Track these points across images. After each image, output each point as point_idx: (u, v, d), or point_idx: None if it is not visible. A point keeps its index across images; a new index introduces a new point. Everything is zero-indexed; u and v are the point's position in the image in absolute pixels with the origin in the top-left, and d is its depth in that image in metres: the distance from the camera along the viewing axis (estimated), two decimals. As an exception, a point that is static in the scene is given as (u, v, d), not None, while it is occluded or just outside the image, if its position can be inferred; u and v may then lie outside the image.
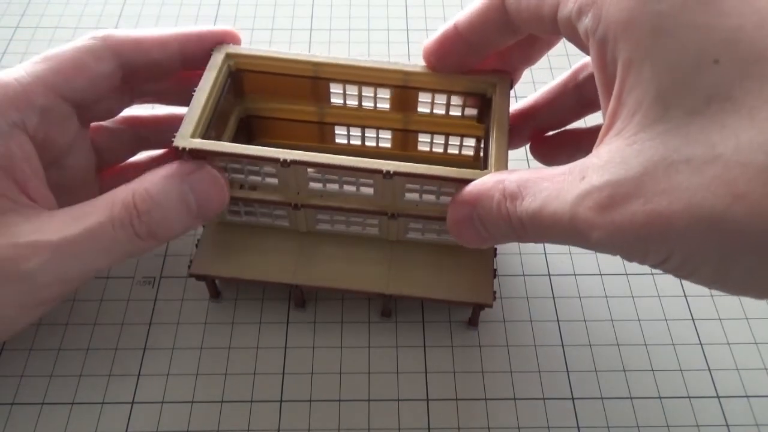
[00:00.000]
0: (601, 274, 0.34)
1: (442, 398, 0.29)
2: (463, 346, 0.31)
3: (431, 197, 0.28)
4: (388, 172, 0.26)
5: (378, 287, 0.29)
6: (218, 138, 0.30)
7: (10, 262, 0.24)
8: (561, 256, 0.34)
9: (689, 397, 0.29)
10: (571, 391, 0.30)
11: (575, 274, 0.34)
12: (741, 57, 0.19)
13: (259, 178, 0.28)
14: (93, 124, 0.31)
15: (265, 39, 0.45)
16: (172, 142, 0.27)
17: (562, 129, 0.32)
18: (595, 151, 0.22)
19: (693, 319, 0.32)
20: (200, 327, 0.31)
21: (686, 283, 0.33)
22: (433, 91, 0.31)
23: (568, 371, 0.30)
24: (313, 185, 0.28)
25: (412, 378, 0.30)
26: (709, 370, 0.30)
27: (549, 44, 0.30)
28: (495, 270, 0.30)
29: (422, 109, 0.32)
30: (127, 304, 0.32)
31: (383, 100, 0.32)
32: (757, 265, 0.18)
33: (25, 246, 0.24)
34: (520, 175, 0.24)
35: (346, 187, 0.29)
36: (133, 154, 0.34)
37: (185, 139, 0.27)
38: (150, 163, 0.34)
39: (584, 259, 0.34)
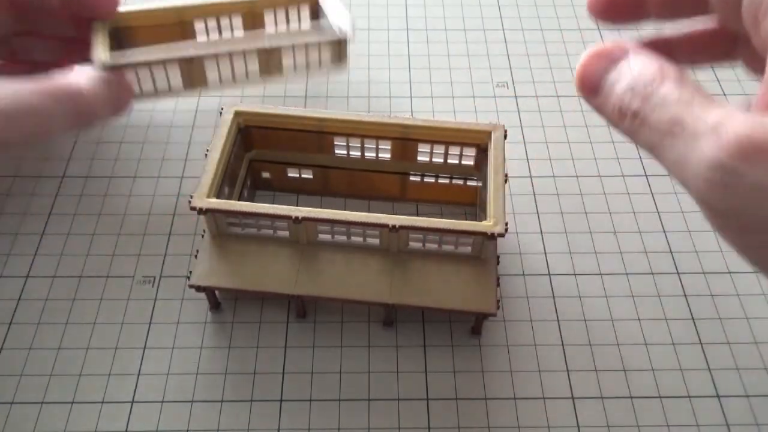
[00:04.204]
0: (601, 274, 0.34)
1: (442, 398, 0.29)
2: (463, 345, 0.31)
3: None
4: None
5: (380, 297, 0.29)
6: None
7: None
8: (561, 255, 0.34)
9: (689, 397, 0.29)
10: (571, 391, 0.30)
11: (575, 274, 0.34)
12: None
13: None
14: None
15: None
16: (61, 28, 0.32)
17: None
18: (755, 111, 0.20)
19: (693, 319, 0.32)
20: (200, 327, 0.31)
21: (686, 283, 0.33)
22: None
23: (568, 371, 0.30)
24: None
25: (412, 378, 0.30)
26: (709, 369, 0.30)
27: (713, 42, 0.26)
28: (498, 278, 0.30)
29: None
30: (127, 303, 0.32)
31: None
32: None
33: None
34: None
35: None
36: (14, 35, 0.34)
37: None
38: None
39: (584, 259, 0.34)
